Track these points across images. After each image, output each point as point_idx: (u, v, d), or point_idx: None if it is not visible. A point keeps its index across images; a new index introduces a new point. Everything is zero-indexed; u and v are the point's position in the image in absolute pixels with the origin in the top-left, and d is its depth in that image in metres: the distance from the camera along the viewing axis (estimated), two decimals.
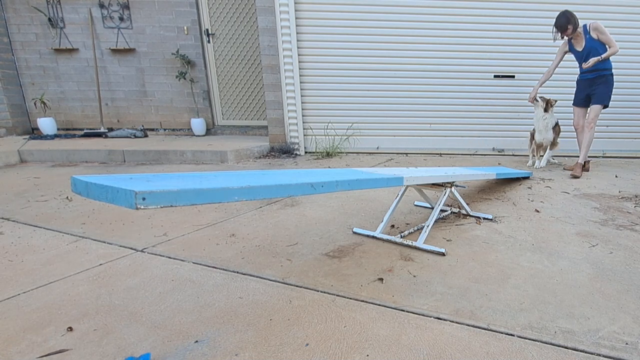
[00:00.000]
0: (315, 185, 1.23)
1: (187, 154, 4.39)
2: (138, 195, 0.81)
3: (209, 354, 1.18)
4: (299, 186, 1.18)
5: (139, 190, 0.81)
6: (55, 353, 1.18)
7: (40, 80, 5.65)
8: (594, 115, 3.72)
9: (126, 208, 0.84)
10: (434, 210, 2.12)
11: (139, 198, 0.81)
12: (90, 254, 1.90)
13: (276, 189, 1.12)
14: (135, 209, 0.83)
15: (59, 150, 4.38)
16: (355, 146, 4.99)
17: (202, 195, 0.95)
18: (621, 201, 2.84)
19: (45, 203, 2.73)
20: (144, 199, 0.82)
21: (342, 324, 1.32)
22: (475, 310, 1.42)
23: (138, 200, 0.81)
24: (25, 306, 1.44)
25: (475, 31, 4.66)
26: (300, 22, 4.59)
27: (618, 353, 1.19)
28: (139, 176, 1.09)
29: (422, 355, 1.17)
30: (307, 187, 1.20)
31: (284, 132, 4.89)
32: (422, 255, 1.90)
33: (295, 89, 4.74)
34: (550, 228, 2.29)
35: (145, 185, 0.91)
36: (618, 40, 3.67)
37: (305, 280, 1.63)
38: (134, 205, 0.81)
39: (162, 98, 5.79)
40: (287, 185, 1.14)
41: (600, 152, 4.95)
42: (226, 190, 1.00)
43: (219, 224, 2.33)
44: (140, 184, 0.94)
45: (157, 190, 0.85)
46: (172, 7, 5.44)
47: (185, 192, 0.91)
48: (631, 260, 1.87)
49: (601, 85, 3.68)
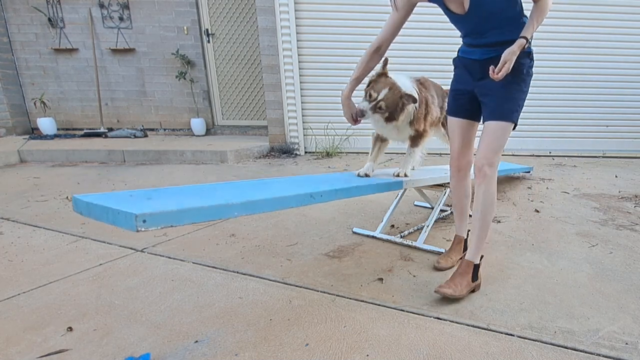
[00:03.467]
0: (315, 195, 1.24)
1: (187, 154, 4.39)
2: (138, 218, 0.82)
3: (209, 354, 1.17)
4: (299, 197, 1.20)
5: (140, 213, 0.82)
6: (55, 353, 1.18)
7: (40, 80, 5.64)
8: (497, 145, 1.53)
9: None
10: (434, 210, 2.13)
11: (139, 220, 0.82)
12: (90, 254, 1.90)
13: (276, 202, 1.13)
14: (136, 232, 0.84)
15: (59, 150, 4.37)
16: (355, 146, 4.99)
17: (202, 214, 0.96)
18: (621, 201, 2.84)
19: (45, 203, 2.73)
20: (144, 222, 0.82)
21: (342, 324, 1.32)
22: (475, 310, 1.42)
23: (139, 223, 0.82)
24: (25, 306, 1.44)
25: None
26: (300, 22, 4.58)
27: (618, 353, 1.19)
28: (139, 193, 1.08)
29: (422, 355, 1.17)
30: (306, 197, 1.22)
31: (284, 132, 4.88)
32: (422, 255, 1.90)
33: (295, 89, 4.74)
34: (550, 228, 2.29)
35: (146, 205, 0.91)
36: (618, 40, 3.63)
37: (305, 280, 1.63)
38: (135, 228, 0.82)
39: (162, 98, 5.79)
40: (286, 197, 1.15)
41: (600, 152, 4.95)
42: (227, 207, 1.01)
43: (219, 224, 2.33)
44: (141, 203, 0.94)
45: (157, 212, 0.86)
46: (172, 7, 5.43)
47: (185, 212, 0.92)
48: (631, 260, 1.87)
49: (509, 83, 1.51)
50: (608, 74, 4.73)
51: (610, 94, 4.80)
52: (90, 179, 3.48)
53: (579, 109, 4.86)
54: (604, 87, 4.77)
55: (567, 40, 4.58)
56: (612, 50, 4.63)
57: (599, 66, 4.70)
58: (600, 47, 4.63)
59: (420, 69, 4.03)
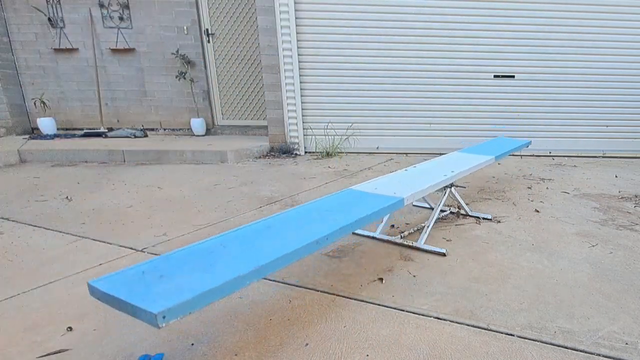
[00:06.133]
0: (320, 241, 1.29)
1: (187, 153, 4.39)
2: (159, 316, 0.86)
3: (209, 354, 1.18)
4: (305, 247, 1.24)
5: (159, 312, 0.86)
6: (55, 353, 1.18)
7: (40, 80, 5.64)
8: None
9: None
10: (434, 210, 2.12)
11: (159, 318, 0.86)
12: (90, 254, 1.90)
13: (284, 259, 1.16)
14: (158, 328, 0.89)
15: (59, 150, 4.37)
16: (355, 146, 4.99)
17: (217, 294, 0.99)
18: (621, 201, 2.84)
19: (45, 203, 2.73)
20: (164, 317, 0.87)
21: (342, 324, 1.33)
22: (475, 310, 1.43)
23: (159, 320, 0.86)
24: (25, 306, 1.44)
25: (475, 31, 4.66)
26: (300, 22, 4.58)
27: (618, 353, 1.19)
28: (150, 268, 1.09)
29: (422, 355, 1.17)
30: (312, 245, 1.26)
31: (284, 132, 4.88)
32: (422, 255, 1.90)
33: (295, 89, 4.74)
34: (550, 228, 2.29)
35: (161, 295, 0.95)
36: (618, 40, 3.63)
37: (305, 280, 1.63)
38: (157, 326, 0.87)
39: (162, 98, 5.79)
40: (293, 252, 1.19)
41: (600, 152, 4.95)
42: (239, 279, 1.04)
43: (219, 224, 2.33)
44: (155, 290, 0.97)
45: (175, 306, 0.89)
46: (172, 7, 5.43)
47: (201, 297, 0.95)
48: (631, 260, 1.87)
49: None
50: (608, 74, 4.73)
51: (610, 94, 4.80)
52: (91, 179, 3.48)
53: (579, 109, 4.86)
54: (604, 87, 4.78)
55: (567, 40, 4.58)
56: (612, 50, 4.64)
57: (599, 66, 4.70)
58: (600, 47, 4.63)
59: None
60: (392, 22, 4.63)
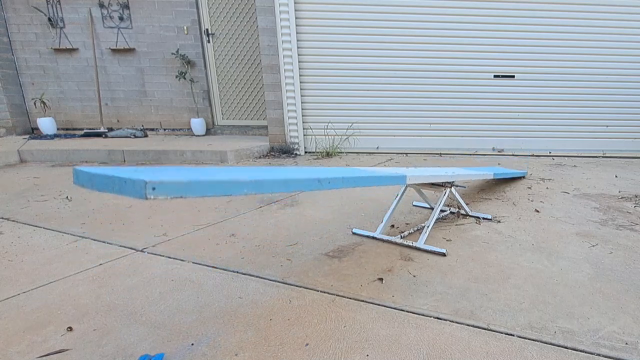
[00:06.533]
0: (322, 181, 1.21)
1: (187, 153, 4.39)
2: (148, 185, 0.78)
3: (209, 354, 1.17)
4: (307, 181, 1.17)
5: (149, 180, 0.79)
6: (55, 353, 1.18)
7: (40, 80, 5.64)
8: None
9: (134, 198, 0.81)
10: (435, 210, 2.12)
11: (149, 188, 0.78)
12: (90, 254, 1.90)
13: (285, 184, 1.10)
14: (144, 199, 0.80)
15: (59, 150, 4.37)
16: (355, 146, 4.99)
17: (213, 187, 0.92)
18: (621, 201, 2.84)
19: (45, 203, 2.73)
20: (153, 189, 0.79)
21: (342, 324, 1.32)
22: (475, 310, 1.42)
23: (148, 190, 0.78)
24: (25, 306, 1.44)
25: (475, 31, 4.66)
26: (300, 22, 4.59)
27: (618, 353, 1.19)
28: (144, 169, 1.06)
29: (422, 355, 1.17)
30: (314, 182, 1.19)
31: (284, 132, 4.88)
32: (422, 255, 1.90)
33: (295, 89, 4.74)
34: (550, 228, 2.29)
35: (155, 175, 0.88)
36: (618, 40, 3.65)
37: (305, 280, 1.63)
38: (144, 195, 0.78)
39: (162, 98, 5.79)
40: (295, 180, 1.13)
41: (600, 152, 4.95)
42: (237, 183, 0.98)
43: (219, 224, 2.33)
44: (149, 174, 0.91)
45: (167, 181, 0.82)
46: (172, 7, 5.43)
47: (196, 184, 0.88)
48: (631, 260, 1.87)
49: None
50: (608, 74, 4.73)
51: (610, 94, 4.81)
52: None
53: (579, 109, 4.87)
54: (604, 87, 4.78)
55: (567, 40, 4.59)
56: (612, 51, 4.64)
57: (599, 66, 4.71)
58: (600, 47, 4.64)
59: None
60: (392, 22, 4.63)
